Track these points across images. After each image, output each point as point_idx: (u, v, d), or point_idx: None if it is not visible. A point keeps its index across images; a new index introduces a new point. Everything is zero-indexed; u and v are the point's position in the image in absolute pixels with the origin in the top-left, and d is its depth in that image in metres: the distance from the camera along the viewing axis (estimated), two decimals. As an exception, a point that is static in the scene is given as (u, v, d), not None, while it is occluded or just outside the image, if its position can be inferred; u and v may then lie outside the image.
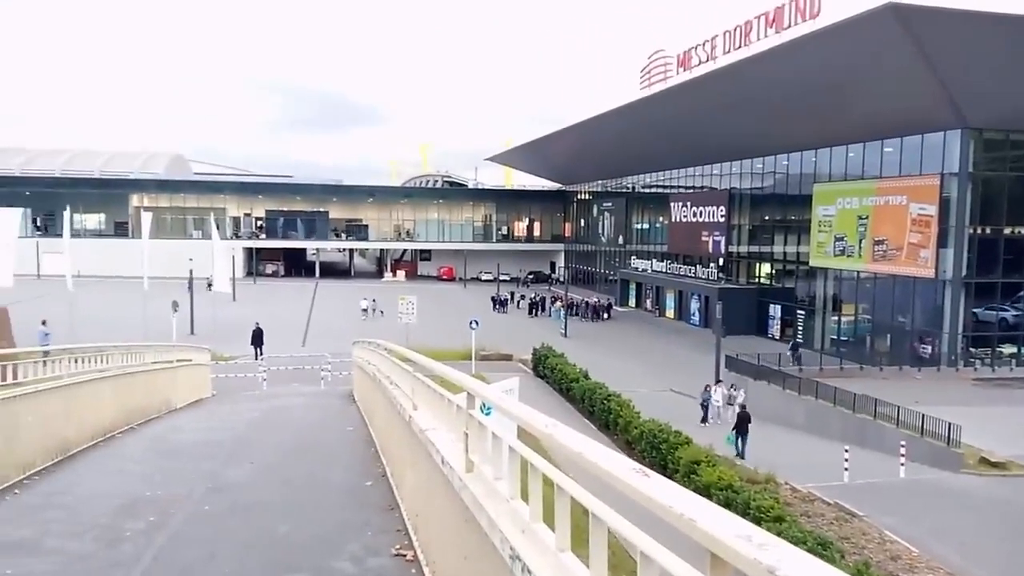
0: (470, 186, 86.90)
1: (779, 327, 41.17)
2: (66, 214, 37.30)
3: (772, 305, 42.05)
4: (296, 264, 73.19)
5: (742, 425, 21.54)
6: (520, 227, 78.98)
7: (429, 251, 77.37)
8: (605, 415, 21.52)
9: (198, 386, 20.03)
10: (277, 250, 71.86)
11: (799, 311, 40.07)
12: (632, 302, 57.30)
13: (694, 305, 48.36)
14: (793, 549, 1.53)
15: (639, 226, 60.85)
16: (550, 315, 51.21)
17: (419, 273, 76.22)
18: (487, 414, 4.16)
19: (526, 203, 79.73)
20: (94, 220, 68.62)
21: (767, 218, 45.88)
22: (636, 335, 45.22)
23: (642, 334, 45.69)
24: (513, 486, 3.35)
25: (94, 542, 6.00)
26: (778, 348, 33.78)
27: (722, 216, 46.96)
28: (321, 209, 74.00)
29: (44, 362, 9.91)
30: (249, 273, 65.60)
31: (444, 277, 73.28)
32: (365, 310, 47.24)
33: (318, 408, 16.82)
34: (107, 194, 68.22)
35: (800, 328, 39.42)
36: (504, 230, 78.01)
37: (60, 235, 36.90)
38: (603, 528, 2.34)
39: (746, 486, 14.44)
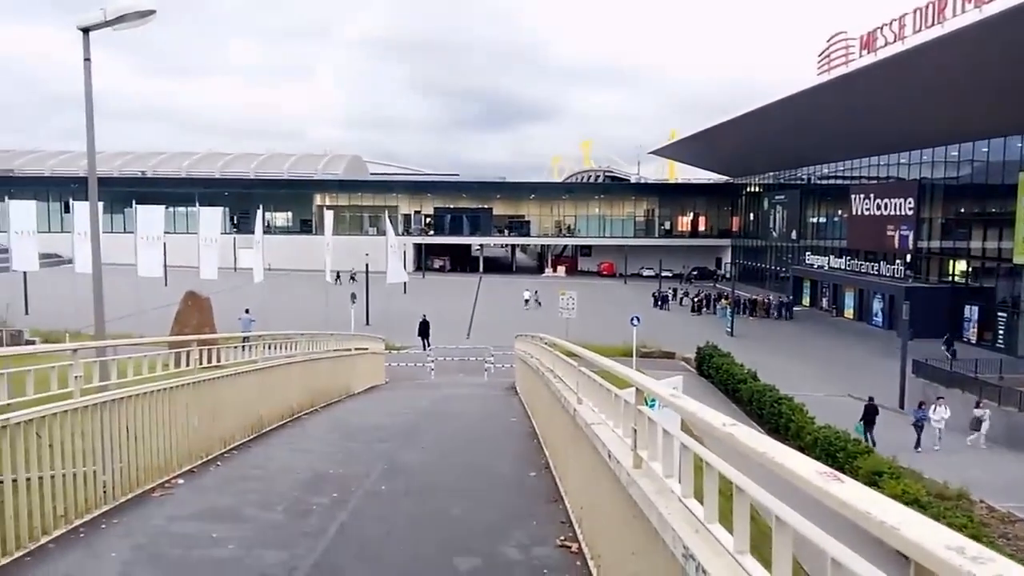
0: (632, 180, 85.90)
1: (976, 330, 37.38)
2: (258, 213, 40.88)
3: (968, 306, 38.23)
4: (461, 259, 75.74)
5: (869, 416, 20.53)
6: (684, 222, 76.99)
7: (589, 247, 77.34)
8: (775, 419, 20.56)
9: (374, 373, 21.23)
10: (444, 246, 74.72)
11: (1000, 313, 36.14)
12: (806, 301, 54.23)
13: (876, 305, 44.99)
14: (1015, 566, 1.36)
15: (814, 220, 57.40)
16: (715, 313, 49.58)
17: (579, 269, 76.42)
18: (651, 408, 4.08)
19: (691, 197, 77.56)
20: (282, 218, 74.60)
21: (962, 211, 41.73)
22: (810, 336, 42.76)
23: (817, 335, 43.13)
24: (686, 484, 3.26)
25: (284, 513, 6.52)
26: (974, 353, 30.66)
27: (910, 209, 43.29)
28: (485, 206, 76.07)
29: (242, 347, 10.87)
30: (418, 268, 68.71)
31: (604, 273, 72.97)
32: (527, 300, 49.09)
33: (482, 399, 17.31)
34: (294, 194, 73.96)
35: (1002, 332, 35.55)
36: (667, 225, 76.40)
37: (253, 232, 40.41)
38: (788, 532, 2.22)
39: (935, 501, 13.28)
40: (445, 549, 5.64)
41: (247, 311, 30.97)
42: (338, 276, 53.68)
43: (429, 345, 33.23)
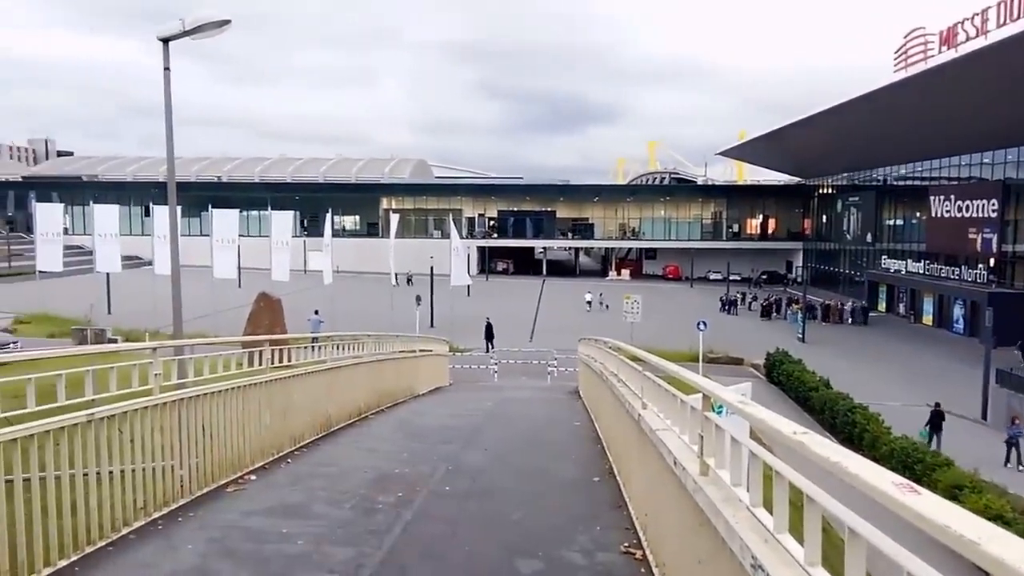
0: (699, 182, 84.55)
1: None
2: (327, 216, 41.85)
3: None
4: (525, 262, 75.86)
5: (935, 422, 19.91)
6: (753, 224, 75.30)
7: (654, 250, 76.43)
8: (848, 429, 19.92)
9: (438, 375, 21.46)
10: (508, 249, 74.98)
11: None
12: (882, 306, 52.34)
13: (957, 311, 43.12)
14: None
15: (891, 222, 55.34)
16: (786, 318, 48.34)
17: (644, 272, 75.58)
18: (718, 415, 4.02)
19: (760, 199, 75.78)
20: (350, 221, 76.12)
21: (1051, 212, 39.64)
22: (887, 343, 41.25)
23: (893, 342, 41.58)
24: (754, 493, 3.19)
25: (352, 510, 6.65)
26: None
27: (993, 210, 41.31)
28: (549, 209, 76.04)
29: (312, 347, 11.13)
30: (482, 270, 69.14)
31: (670, 276, 72.00)
32: (589, 302, 48.91)
33: (546, 402, 17.29)
34: (361, 197, 75.39)
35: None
36: (735, 227, 74.89)
37: (322, 235, 41.39)
38: (862, 545, 2.15)
39: (1020, 518, 12.62)
40: (508, 551, 5.65)
41: (316, 312, 31.73)
42: (396, 278, 56.00)
43: (493, 348, 33.42)
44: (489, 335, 34.23)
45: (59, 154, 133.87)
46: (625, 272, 73.18)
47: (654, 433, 5.17)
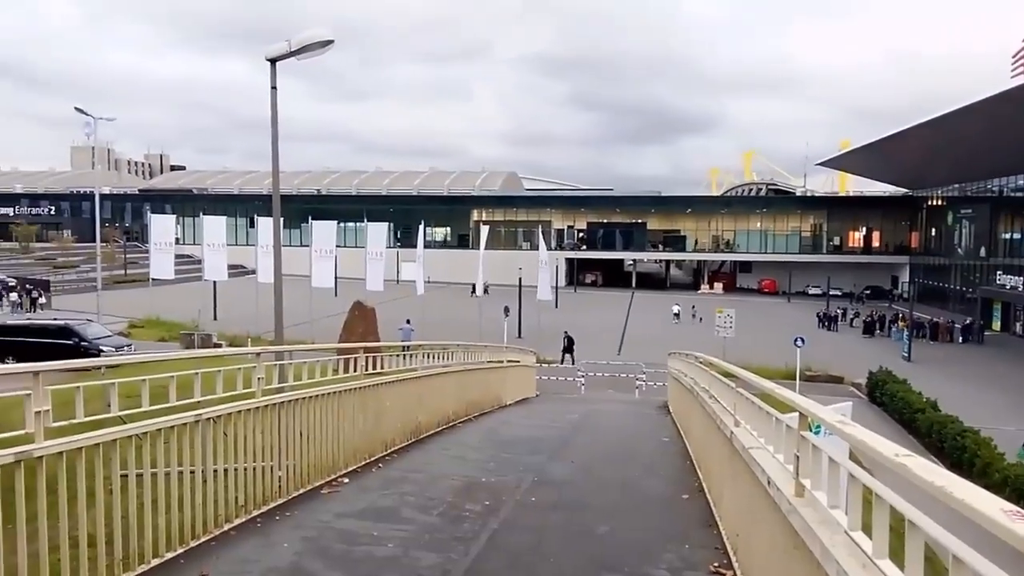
0: (797, 193, 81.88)
1: None
2: (420, 228, 42.74)
3: None
4: (614, 274, 75.30)
5: None
6: (855, 237, 72.23)
7: (749, 263, 74.42)
8: (957, 453, 18.78)
9: (525, 386, 21.53)
10: (596, 261, 74.62)
11: None
12: (996, 325, 49.17)
13: (1082, 331, 40.03)
14: None
15: (1007, 235, 51.96)
16: (890, 336, 46.06)
17: (738, 286, 73.69)
18: (815, 435, 3.88)
19: (863, 211, 72.65)
20: (441, 233, 77.59)
21: None
22: (1001, 363, 38.72)
23: (1009, 362, 38.98)
24: (853, 516, 3.06)
25: (440, 517, 6.76)
26: None
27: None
28: (639, 221, 75.29)
29: (403, 355, 11.39)
30: (570, 282, 69.03)
31: (765, 290, 69.92)
32: (677, 314, 48.24)
33: (633, 416, 17.07)
34: (452, 209, 76.76)
35: None
36: (836, 240, 72.05)
37: (414, 246, 42.30)
38: (967, 574, 2.04)
39: None
40: (594, 565, 5.61)
41: (408, 321, 32.46)
42: (473, 289, 57.15)
43: (572, 362, 33.25)
44: (568, 348, 34.10)
45: (172, 168, 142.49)
46: (718, 285, 71.51)
47: (747, 451, 5.04)
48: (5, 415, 4.08)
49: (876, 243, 71.10)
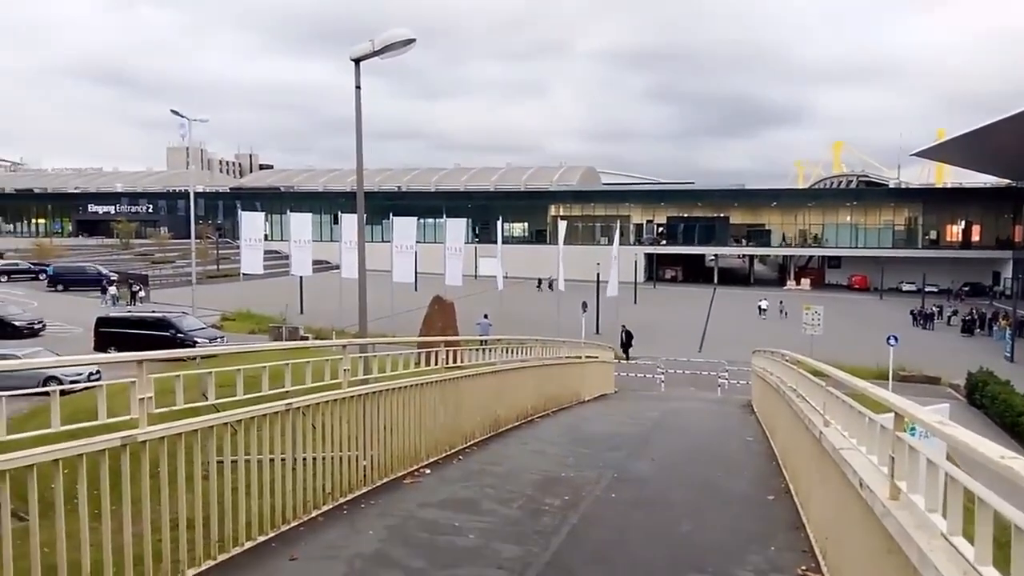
0: (891, 185, 78.38)
1: None
2: (498, 223, 43.05)
3: None
4: (694, 270, 73.88)
5: None
6: (953, 231, 68.64)
7: (838, 258, 71.73)
8: (1066, 459, 17.61)
9: (603, 382, 21.41)
10: (676, 256, 73.39)
11: None
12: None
13: None
14: None
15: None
16: (991, 335, 43.60)
17: (826, 281, 71.16)
18: (911, 435, 3.72)
19: (962, 203, 68.98)
20: (519, 228, 77.86)
21: None
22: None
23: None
24: (953, 520, 2.93)
25: (520, 510, 6.80)
26: None
27: None
28: (721, 214, 73.61)
29: (481, 349, 11.50)
30: (649, 278, 68.13)
31: (856, 286, 67.24)
32: (764, 309, 47.52)
33: (715, 415, 16.74)
34: (530, 205, 76.88)
35: None
36: (932, 235, 68.66)
37: (493, 241, 42.63)
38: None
39: None
40: (676, 564, 5.54)
41: (485, 316, 32.73)
42: (539, 283, 59.17)
43: (627, 358, 32.78)
44: (626, 343, 33.65)
45: (261, 167, 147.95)
46: (805, 281, 69.20)
47: (837, 452, 4.87)
48: (110, 401, 4.33)
49: (976, 237, 67.35)
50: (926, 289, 54.26)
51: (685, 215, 74.92)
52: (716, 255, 73.94)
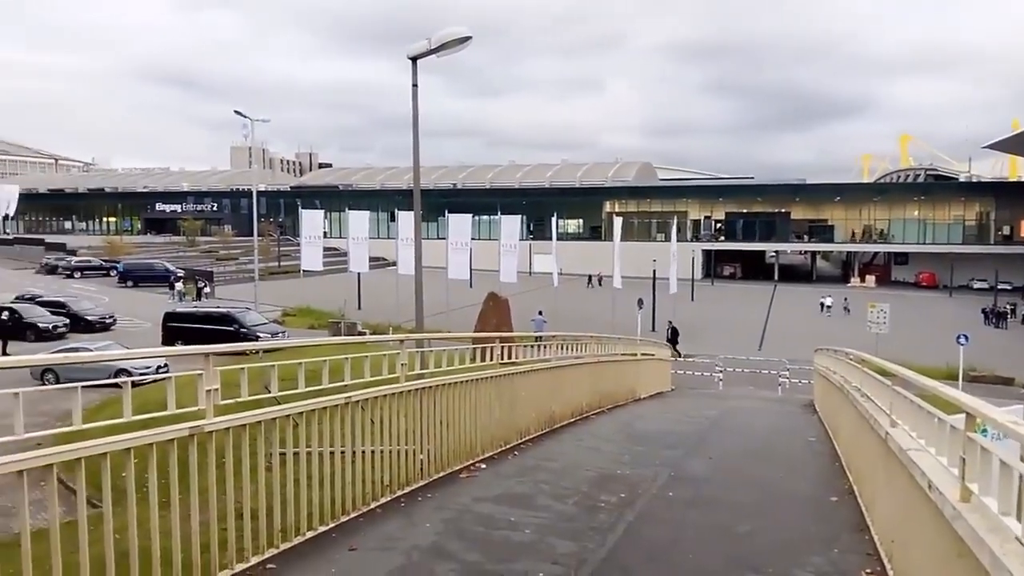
0: (961, 179, 75.47)
1: None
2: (553, 220, 42.94)
3: None
4: (754, 267, 72.48)
5: None
6: (1028, 226, 65.72)
7: (905, 254, 69.48)
8: None
9: (659, 380, 21.19)
10: (735, 252, 72.12)
11: None
12: None
13: None
14: None
15: None
16: (1068, 334, 41.66)
17: (892, 279, 68.98)
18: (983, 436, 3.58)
19: (1038, 197, 65.98)
20: (574, 225, 77.59)
21: None
22: None
23: None
24: (1028, 525, 2.82)
25: (575, 506, 6.78)
26: None
27: None
28: (782, 210, 72.03)
29: (536, 346, 11.49)
30: (707, 275, 67.14)
31: (923, 284, 65.01)
32: (830, 306, 46.80)
33: (775, 414, 16.42)
34: (585, 201, 76.54)
35: None
36: (1006, 230, 65.87)
37: (547, 238, 42.61)
38: None
39: None
40: (735, 565, 5.44)
41: (540, 312, 32.74)
42: (589, 279, 59.45)
43: (678, 355, 32.28)
44: (672, 339, 33.17)
45: (320, 166, 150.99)
46: (870, 278, 67.19)
47: (904, 453, 4.73)
48: (176, 393, 4.47)
49: (1054, 232, 64.39)
50: (999, 287, 52.09)
51: (744, 211, 73.54)
52: (776, 251, 72.38)
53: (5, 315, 33.98)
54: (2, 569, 3.31)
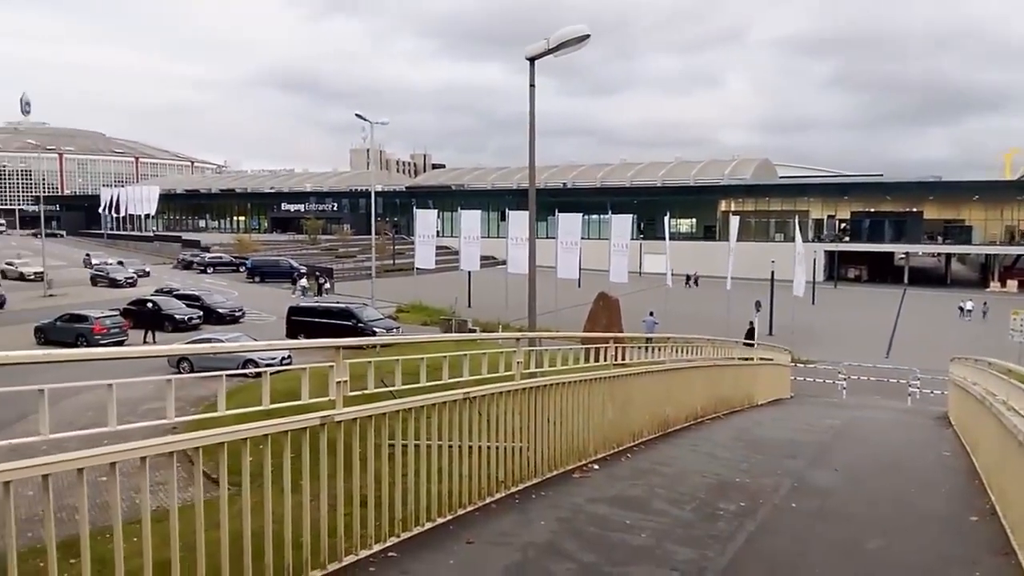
0: (1124, 173, 68.66)
1: None
2: (665, 219, 42.15)
3: None
4: (881, 269, 68.52)
5: None
6: None
7: (1054, 257, 63.82)
8: None
9: (778, 386, 20.42)
10: (860, 254, 68.49)
11: None
12: None
13: None
14: None
15: None
16: None
17: (1037, 284, 63.55)
18: None
19: None
20: (686, 224, 75.86)
21: None
22: None
23: None
24: None
25: (693, 512, 6.63)
26: None
27: None
28: (913, 209, 67.81)
29: (647, 348, 11.31)
30: (830, 277, 64.06)
31: (1073, 289, 59.57)
32: (970, 311, 44.27)
33: (905, 426, 15.49)
34: (698, 200, 74.67)
35: None
36: None
37: (658, 238, 41.88)
38: None
39: None
40: (865, 582, 5.17)
41: (651, 313, 32.24)
42: (687, 279, 58.68)
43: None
44: (749, 337, 31.69)
45: (434, 167, 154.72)
46: (1012, 283, 62.17)
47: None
48: (296, 384, 4.68)
49: None
50: None
51: (871, 210, 69.69)
52: (907, 253, 68.18)
53: (149, 306, 36.89)
54: (152, 541, 3.63)
